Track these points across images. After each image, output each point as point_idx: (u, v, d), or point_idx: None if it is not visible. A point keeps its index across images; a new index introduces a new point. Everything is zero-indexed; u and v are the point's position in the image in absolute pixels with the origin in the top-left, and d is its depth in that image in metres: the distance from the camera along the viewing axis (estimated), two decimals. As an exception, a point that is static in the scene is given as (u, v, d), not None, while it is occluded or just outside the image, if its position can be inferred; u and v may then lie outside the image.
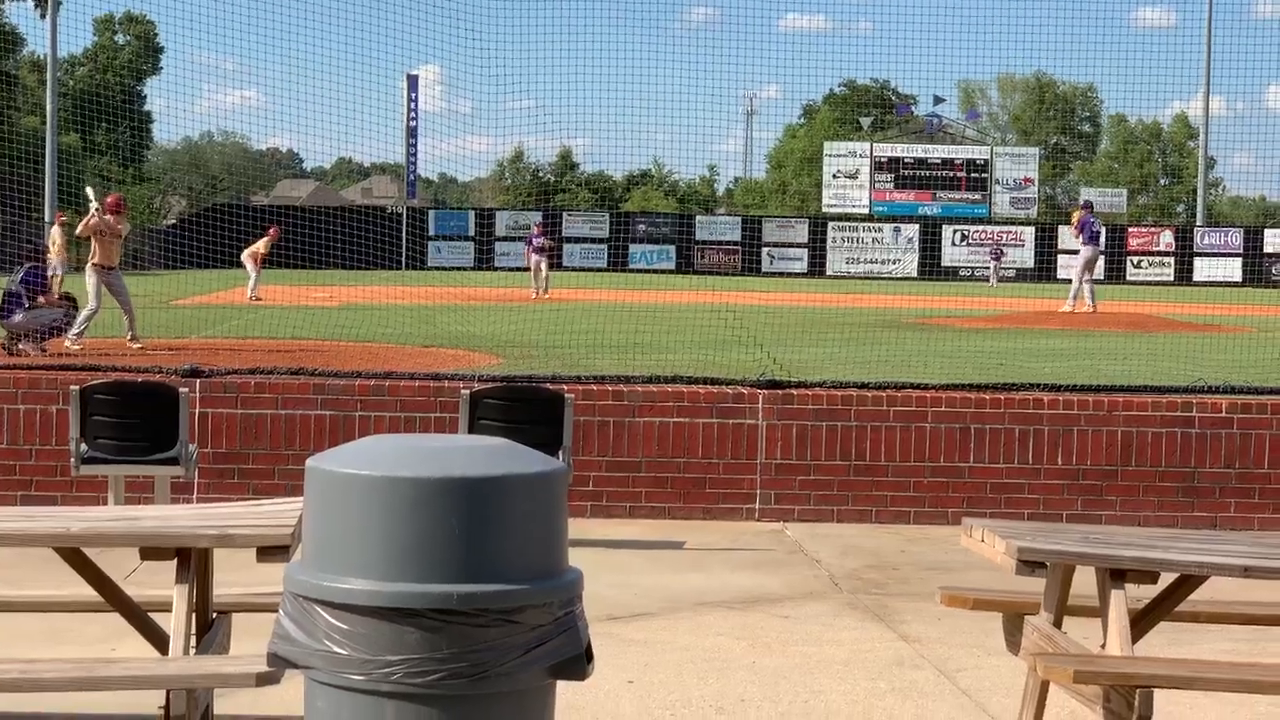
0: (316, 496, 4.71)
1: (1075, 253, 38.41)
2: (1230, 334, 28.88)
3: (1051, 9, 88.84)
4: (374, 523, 4.53)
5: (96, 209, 22.93)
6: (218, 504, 9.80)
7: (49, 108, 60.00)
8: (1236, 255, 76.56)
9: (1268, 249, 76.68)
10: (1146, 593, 6.87)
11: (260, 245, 41.03)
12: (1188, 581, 6.77)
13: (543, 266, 46.23)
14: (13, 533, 6.96)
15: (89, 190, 24.40)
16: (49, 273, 23.42)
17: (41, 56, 74.62)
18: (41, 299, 21.75)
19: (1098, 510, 12.93)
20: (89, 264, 22.94)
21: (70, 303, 22.41)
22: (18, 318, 21.16)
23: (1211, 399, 13.30)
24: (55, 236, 31.62)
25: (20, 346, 20.52)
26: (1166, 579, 6.77)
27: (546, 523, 4.73)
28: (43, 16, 72.40)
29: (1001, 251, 75.36)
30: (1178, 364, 20.54)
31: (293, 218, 59.90)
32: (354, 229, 64.12)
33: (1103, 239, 37.28)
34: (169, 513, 7.80)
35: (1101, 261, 60.89)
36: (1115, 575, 6.62)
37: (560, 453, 10.97)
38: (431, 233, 75.99)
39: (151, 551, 6.81)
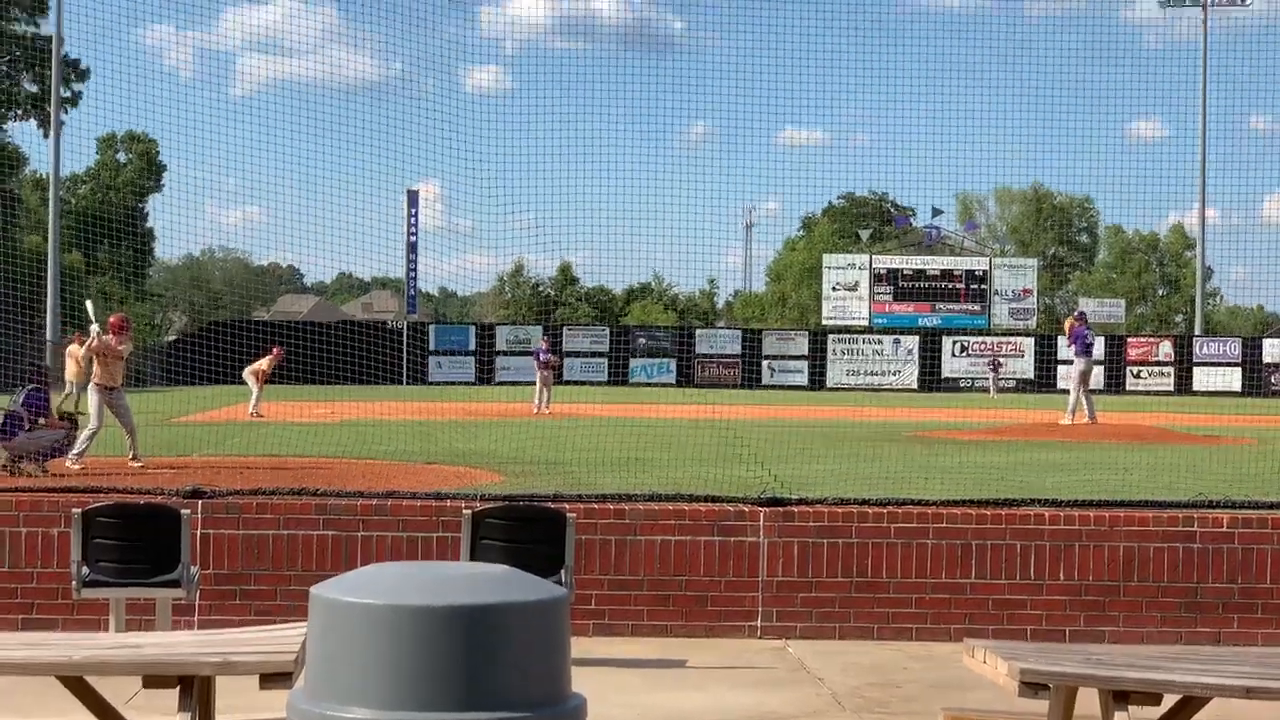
0: (320, 624, 4.72)
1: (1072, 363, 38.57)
2: (1231, 445, 28.89)
3: (1047, 122, 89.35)
4: (377, 651, 4.54)
5: (97, 331, 22.99)
6: (220, 630, 9.79)
7: (51, 227, 60.29)
8: (1235, 365, 76.68)
9: (1266, 359, 76.80)
10: (1150, 714, 6.87)
11: (263, 363, 41.08)
12: (1191, 703, 6.77)
13: (549, 381, 46.35)
14: (15, 661, 6.96)
15: (88, 305, 24.45)
16: (66, 390, 23.45)
17: (44, 175, 75.09)
18: (43, 421, 21.76)
19: (1101, 626, 12.90)
20: (90, 383, 22.98)
21: (71, 423, 22.41)
22: (18, 439, 21.18)
23: (1213, 514, 13.29)
24: (75, 352, 31.69)
25: (22, 466, 20.52)
26: (1169, 700, 6.77)
27: (549, 650, 4.75)
28: (45, 136, 72.97)
29: (999, 362, 75.49)
30: (1179, 477, 20.53)
31: (294, 333, 60.00)
32: (355, 344, 64.21)
33: (1098, 349, 37.30)
34: (171, 639, 7.80)
35: (1099, 372, 60.92)
36: (1119, 697, 6.62)
37: (562, 572, 10.97)
38: (432, 347, 76.14)
39: (154, 679, 6.82)
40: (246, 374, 40.91)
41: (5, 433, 21.38)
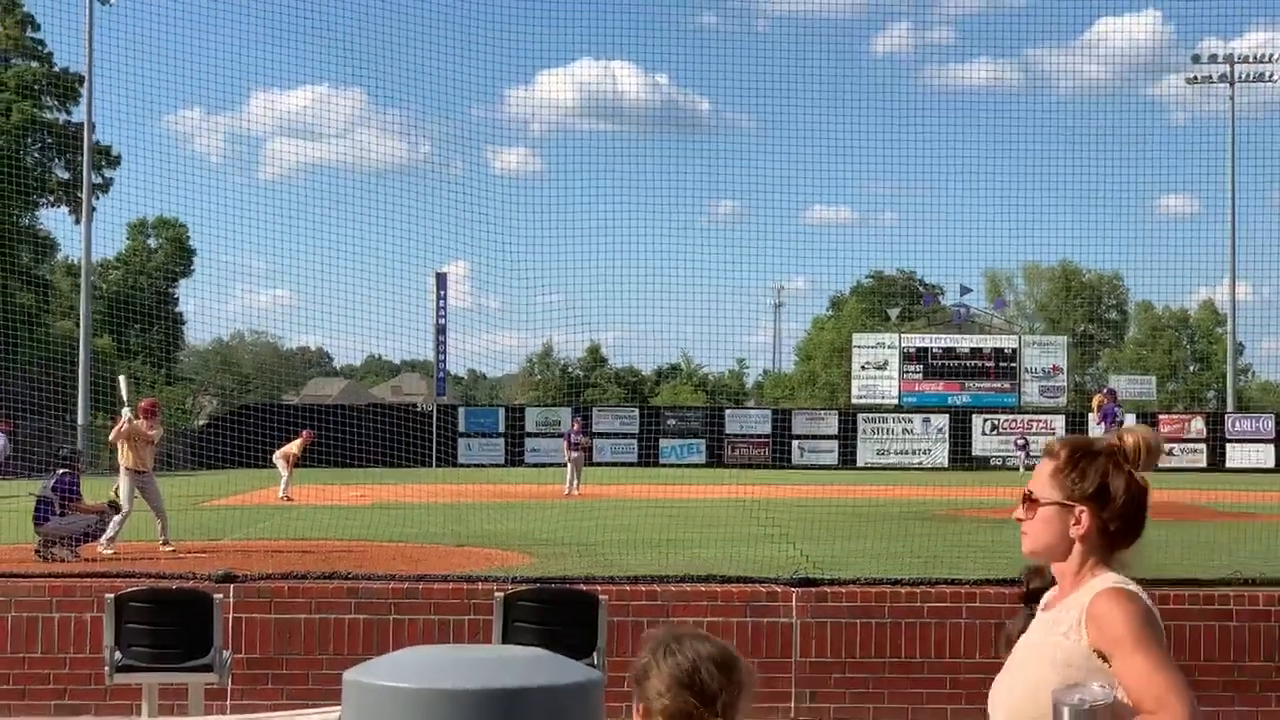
0: (354, 709, 4.71)
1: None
2: (1266, 522, 28.73)
3: (1075, 198, 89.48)
4: (412, 736, 4.52)
5: (128, 415, 23.05)
6: (253, 714, 9.77)
7: (83, 312, 60.60)
8: (1269, 441, 76.35)
9: (1299, 434, 76.49)
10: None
11: (294, 446, 41.00)
12: (1231, 782, 6.71)
13: (580, 463, 46.24)
14: (49, 747, 6.95)
15: (121, 383, 24.47)
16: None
17: (76, 261, 75.54)
18: (73, 506, 21.79)
19: (1137, 705, 12.79)
20: (122, 467, 22.99)
21: (113, 509, 22.39)
22: (50, 524, 21.23)
23: (1250, 591, 13.22)
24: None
25: (54, 552, 20.55)
26: (1210, 780, 6.71)
27: (584, 733, 4.72)
28: (77, 222, 73.41)
29: (1027, 440, 75.21)
30: (1214, 555, 20.42)
31: (323, 417, 60.15)
32: (384, 427, 64.34)
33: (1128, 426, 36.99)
34: (204, 723, 7.79)
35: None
36: (1158, 777, 6.55)
37: (595, 654, 10.93)
38: (462, 429, 76.16)
39: (187, 765, 6.80)
40: (277, 458, 40.89)
41: (38, 518, 21.43)
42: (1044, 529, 4.68)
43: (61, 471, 22.23)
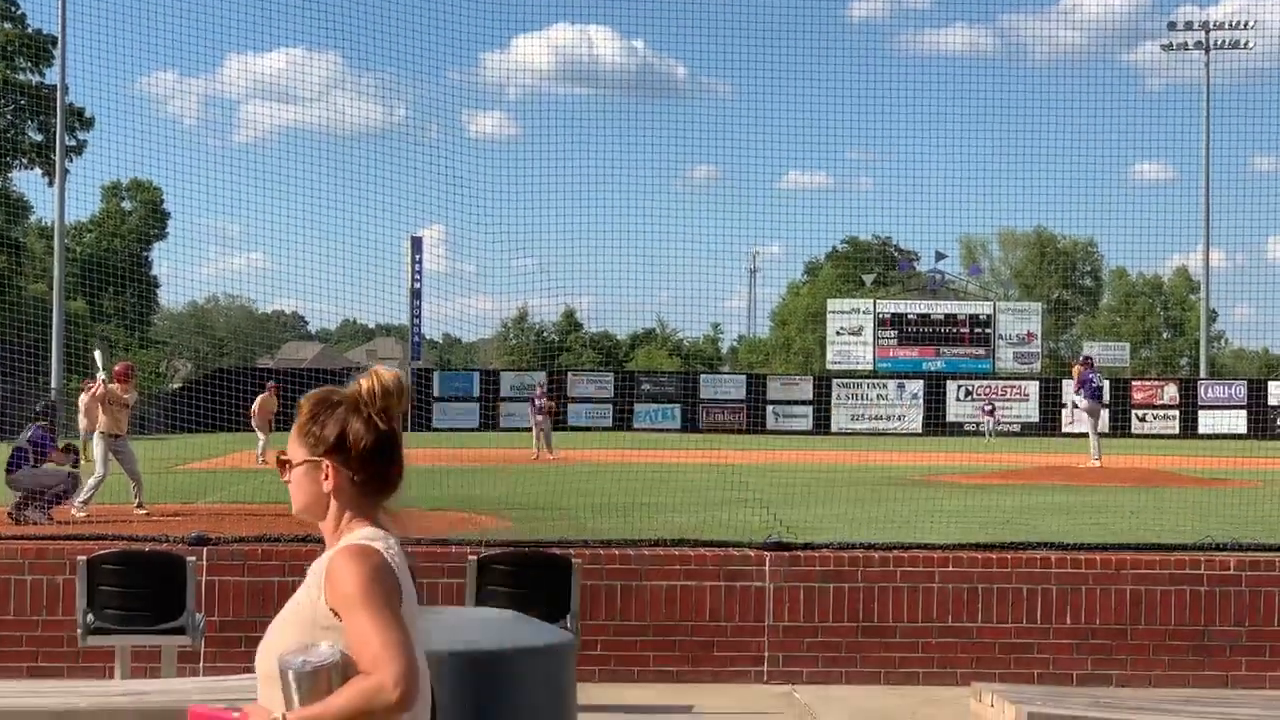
0: (326, 672, 4.70)
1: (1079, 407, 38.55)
2: (1237, 488, 28.83)
3: (1050, 164, 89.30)
4: (383, 698, 4.52)
5: (103, 379, 23.00)
6: (224, 676, 9.77)
7: (56, 274, 60.35)
8: (1241, 408, 76.55)
9: (1272, 401, 76.67)
10: (1159, 757, 6.84)
11: (264, 402, 40.87)
12: (1200, 745, 6.75)
13: (545, 427, 46.29)
14: (21, 709, 6.94)
15: (96, 354, 24.43)
16: (84, 438, 23.40)
17: (49, 223, 75.27)
18: (46, 462, 21.73)
19: (1108, 670, 12.86)
20: (96, 432, 22.96)
21: (74, 467, 22.34)
22: (21, 472, 21.18)
23: (1220, 556, 13.27)
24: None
25: (27, 514, 20.49)
26: (1178, 743, 6.75)
27: (557, 695, 4.73)
28: (50, 184, 73.16)
29: (995, 407, 75.31)
30: (1185, 520, 20.49)
31: (298, 380, 59.99)
32: (360, 391, 64.09)
33: (1105, 395, 37.01)
34: (176, 686, 7.78)
35: (1105, 415, 60.98)
36: (1127, 740, 6.59)
37: (567, 618, 10.94)
38: (437, 394, 76.09)
39: (159, 727, 6.79)
40: (255, 419, 40.81)
41: (10, 468, 21.39)
42: (299, 489, 4.52)
43: (37, 425, 22.17)
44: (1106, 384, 73.68)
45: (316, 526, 4.48)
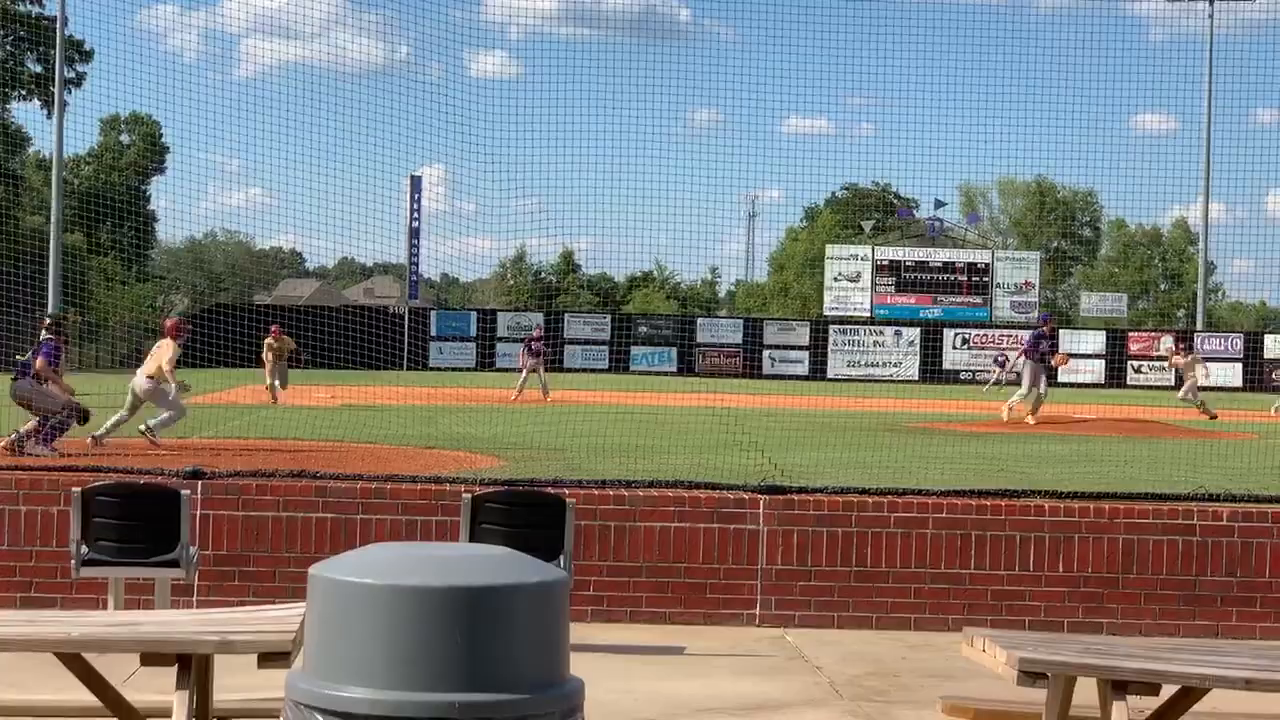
0: (319, 604, 4.72)
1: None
2: (1231, 440, 28.87)
3: (1051, 113, 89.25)
4: (376, 631, 4.54)
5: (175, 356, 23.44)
6: (218, 609, 9.79)
7: (54, 207, 60.27)
8: (1237, 360, 76.60)
9: (1268, 354, 76.74)
10: (1148, 703, 6.86)
11: (270, 345, 40.73)
12: (1190, 694, 6.77)
13: (540, 370, 46.27)
14: (13, 637, 6.95)
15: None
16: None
17: (47, 156, 75.08)
18: (52, 385, 21.62)
19: (1099, 618, 12.89)
20: (143, 374, 23.21)
21: (79, 412, 22.29)
22: (23, 384, 21.15)
23: (1213, 507, 13.29)
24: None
25: (29, 450, 20.44)
26: (1168, 690, 6.76)
27: (548, 632, 4.74)
28: (49, 116, 72.97)
29: (1007, 358, 75.14)
30: (1178, 470, 20.52)
31: (295, 317, 59.99)
32: (356, 329, 64.17)
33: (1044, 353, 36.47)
34: (170, 618, 7.80)
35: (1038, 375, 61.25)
36: (1117, 687, 6.61)
37: (561, 557, 10.97)
38: (434, 333, 76.12)
39: (152, 657, 6.81)
40: (267, 363, 40.59)
41: (15, 375, 21.38)
42: None
43: (47, 337, 22.13)
44: (1101, 335, 73.83)
45: (312, 462, 4.47)
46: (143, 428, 22.33)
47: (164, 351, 23.49)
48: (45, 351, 21.67)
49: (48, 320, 24.10)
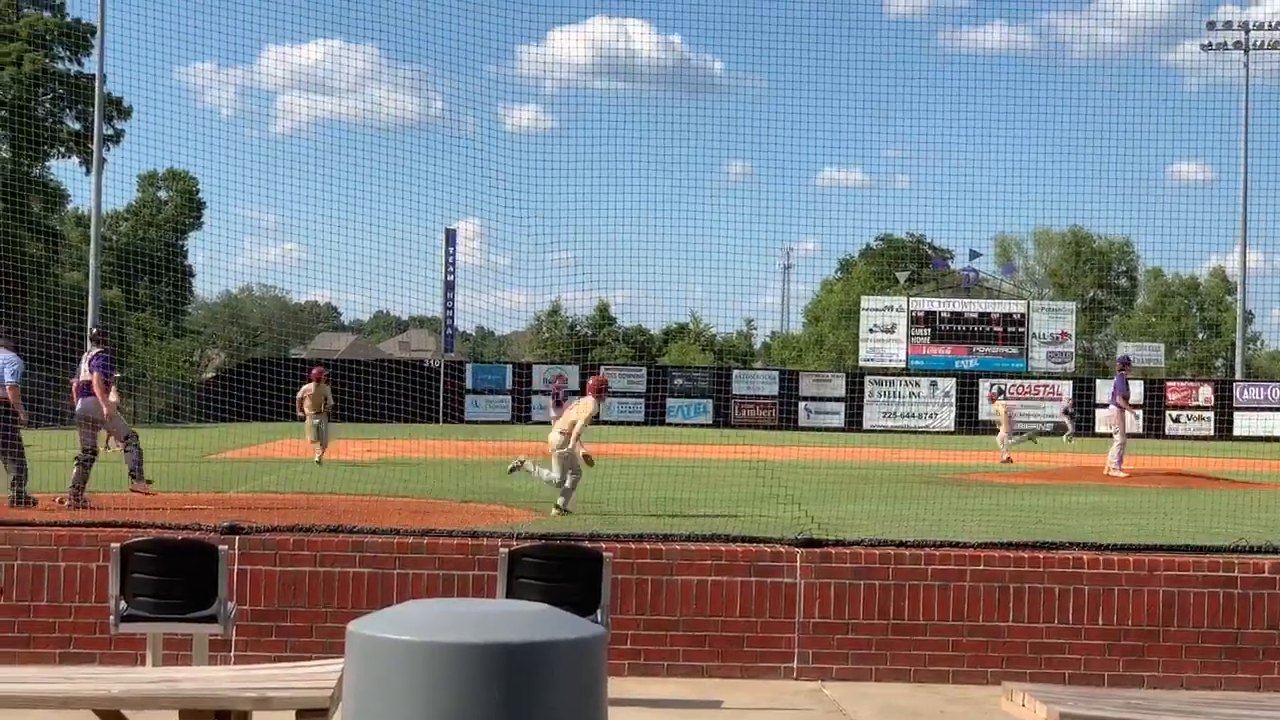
0: (357, 661, 4.72)
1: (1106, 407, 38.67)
2: (1271, 491, 28.73)
3: (1087, 163, 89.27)
4: (414, 689, 4.54)
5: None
6: (256, 665, 9.80)
7: (92, 263, 60.61)
8: (1277, 410, 76.28)
9: (1307, 403, 76.42)
10: (1190, 759, 6.81)
11: (308, 391, 39.05)
12: (1231, 748, 6.72)
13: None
14: (54, 695, 6.97)
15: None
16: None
17: (86, 212, 75.51)
18: (105, 384, 21.69)
19: (1139, 672, 12.82)
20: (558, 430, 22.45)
21: (129, 440, 22.43)
22: (88, 402, 21.31)
23: (1254, 559, 13.21)
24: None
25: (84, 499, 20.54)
26: (1210, 745, 6.72)
27: (586, 689, 4.74)
28: (88, 173, 73.35)
29: (1070, 410, 74.49)
30: (1218, 522, 20.43)
31: (331, 371, 60.14)
32: (392, 382, 64.30)
33: (1129, 397, 36.52)
34: (208, 674, 7.80)
35: (1129, 419, 61.02)
36: (1158, 741, 6.57)
37: (598, 611, 10.95)
38: (469, 386, 76.26)
39: (191, 714, 6.81)
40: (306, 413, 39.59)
41: (80, 395, 21.55)
42: None
43: (95, 350, 22.24)
44: (1140, 385, 73.60)
45: (348, 517, 4.41)
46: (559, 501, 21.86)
47: (582, 409, 22.56)
48: (99, 364, 21.79)
49: (93, 331, 24.20)
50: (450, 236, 75.91)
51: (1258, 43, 79.81)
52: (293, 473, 30.01)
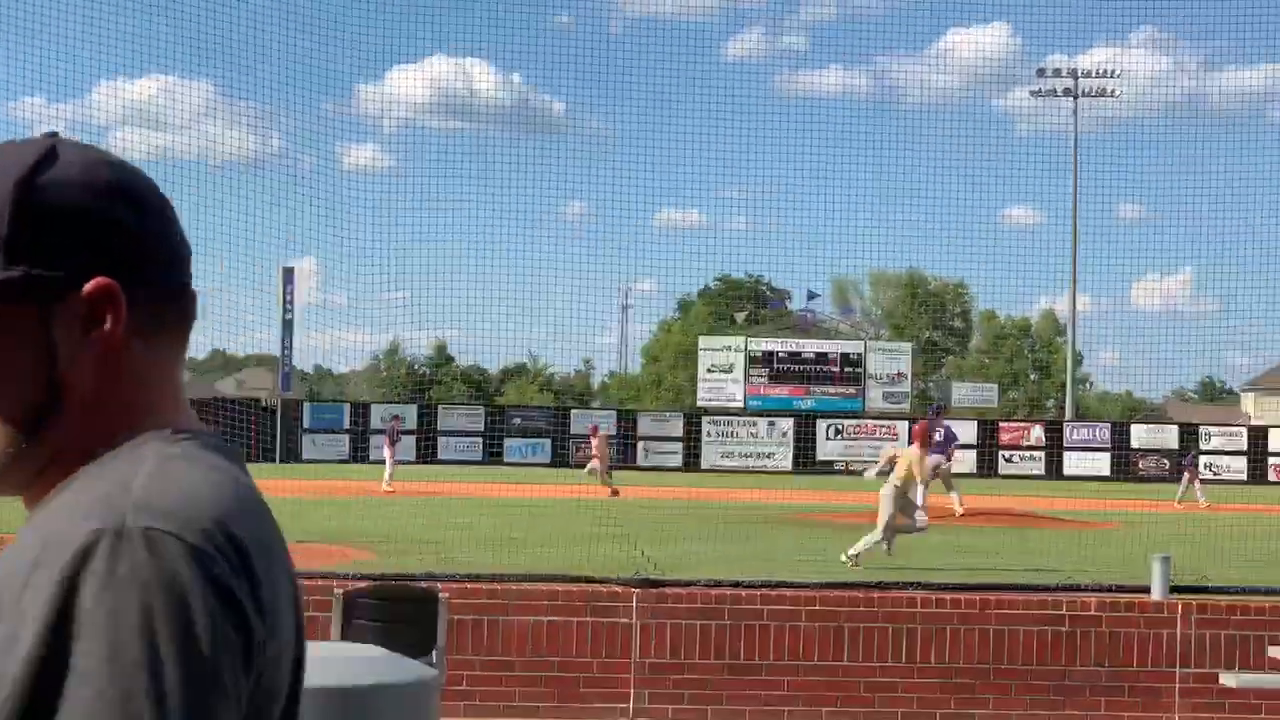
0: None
1: (961, 447, 38.77)
2: (1099, 529, 29.21)
3: (923, 207, 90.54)
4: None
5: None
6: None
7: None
8: (1105, 450, 77.54)
9: (1135, 443, 77.74)
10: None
11: None
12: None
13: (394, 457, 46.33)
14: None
15: None
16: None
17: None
18: None
19: (971, 709, 12.96)
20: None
21: None
22: None
23: (1081, 597, 13.43)
24: None
25: None
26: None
27: (419, 732, 4.71)
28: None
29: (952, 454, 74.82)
30: (1048, 560, 20.74)
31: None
32: (228, 421, 63.61)
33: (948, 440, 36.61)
34: None
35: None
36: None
37: (434, 653, 10.89)
38: (306, 425, 75.59)
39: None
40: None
41: None
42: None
43: None
44: (971, 425, 74.60)
45: None
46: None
47: (911, 454, 22.82)
48: None
49: None
50: (288, 275, 75.43)
51: (1086, 90, 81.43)
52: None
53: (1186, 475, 48.03)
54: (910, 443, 23.21)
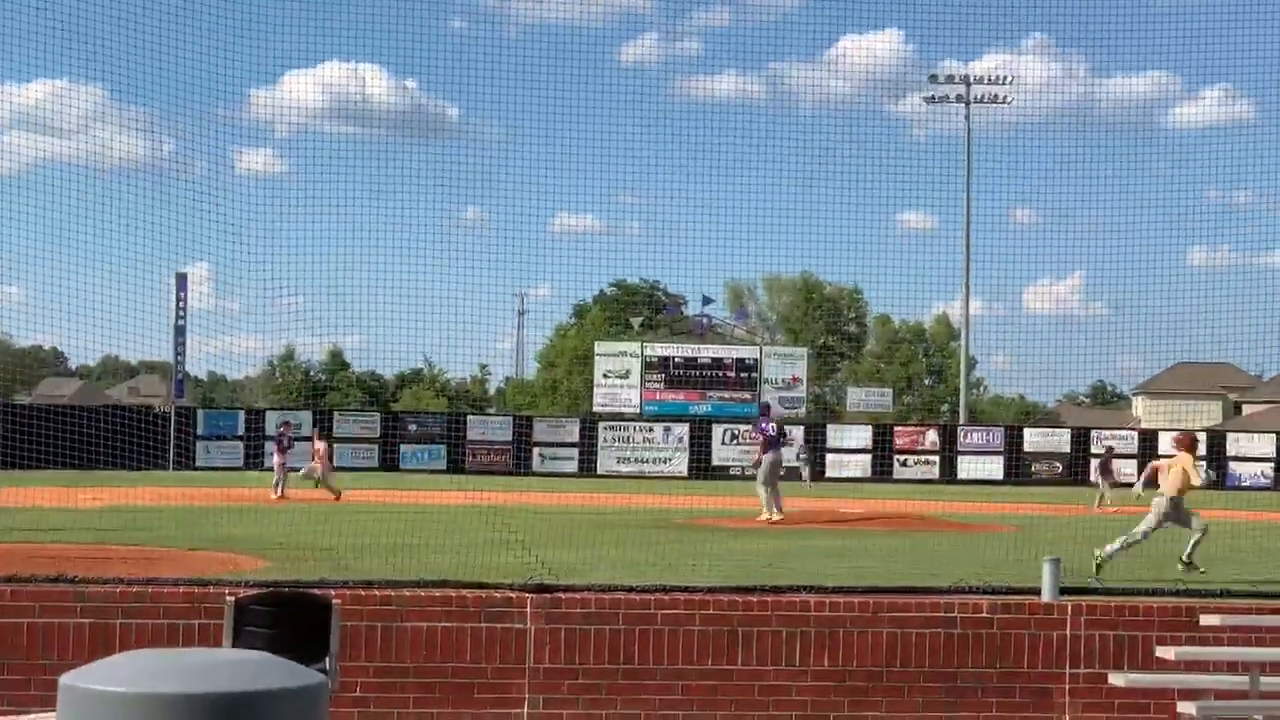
0: (69, 716, 4.62)
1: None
2: (991, 533, 29.43)
3: (818, 212, 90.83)
4: (129, 742, 4.44)
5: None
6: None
7: None
8: (998, 453, 78.16)
9: (1027, 447, 78.39)
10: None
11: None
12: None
13: (286, 468, 45.62)
14: None
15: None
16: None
17: None
18: None
19: (864, 711, 13.04)
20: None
21: None
22: None
23: (973, 599, 13.54)
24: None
25: None
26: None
27: (306, 739, 4.68)
28: None
29: (804, 455, 75.20)
30: (940, 564, 20.85)
31: (56, 417, 58.80)
32: (120, 429, 62.97)
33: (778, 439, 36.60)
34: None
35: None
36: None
37: (327, 659, 10.83)
38: (200, 432, 74.96)
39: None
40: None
41: None
42: None
43: None
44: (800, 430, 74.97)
45: (71, 566, 4.20)
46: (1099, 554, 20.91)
47: (1185, 462, 22.45)
48: None
49: None
50: (181, 280, 74.79)
51: (978, 96, 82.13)
52: (11, 522, 29.22)
53: (1102, 480, 48.11)
54: (1176, 451, 23.27)
